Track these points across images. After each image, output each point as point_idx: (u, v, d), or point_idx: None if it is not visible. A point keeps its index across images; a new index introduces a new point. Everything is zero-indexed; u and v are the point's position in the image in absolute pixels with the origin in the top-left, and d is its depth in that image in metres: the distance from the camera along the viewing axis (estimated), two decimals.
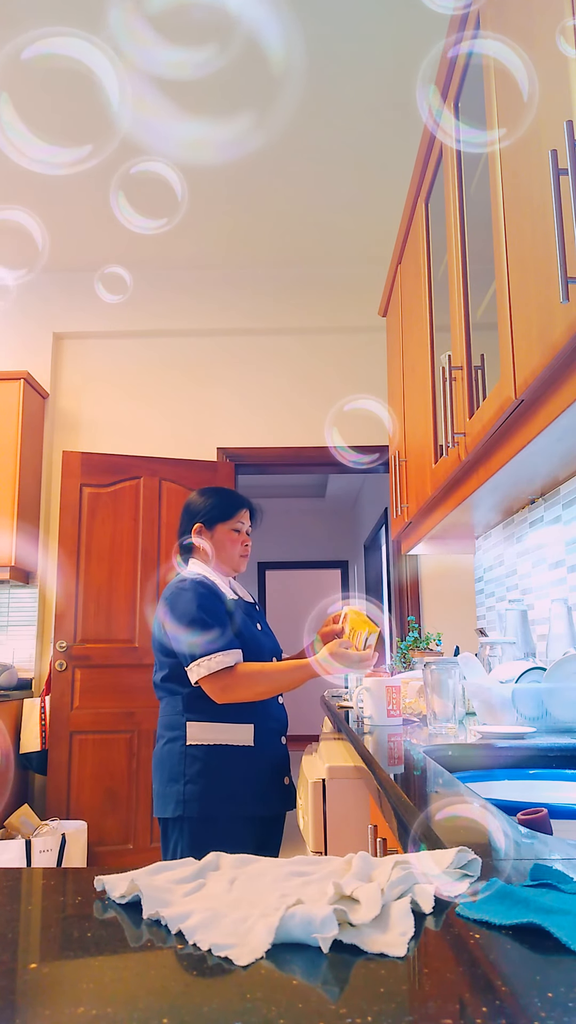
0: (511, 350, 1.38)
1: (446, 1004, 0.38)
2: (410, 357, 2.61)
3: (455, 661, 1.54)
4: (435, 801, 0.91)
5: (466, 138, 1.82)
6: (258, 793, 1.76)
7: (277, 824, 1.89)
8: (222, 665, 1.71)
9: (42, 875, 0.63)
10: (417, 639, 2.96)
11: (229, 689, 1.72)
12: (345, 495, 7.94)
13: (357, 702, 1.72)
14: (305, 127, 2.98)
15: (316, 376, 4.09)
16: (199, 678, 1.72)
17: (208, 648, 1.72)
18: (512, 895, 0.50)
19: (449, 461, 1.96)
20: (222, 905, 0.50)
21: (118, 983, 0.42)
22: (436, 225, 2.25)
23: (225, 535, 1.91)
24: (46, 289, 4.12)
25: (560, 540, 2.06)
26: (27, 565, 3.73)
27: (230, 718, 1.77)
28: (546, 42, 1.19)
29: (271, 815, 1.83)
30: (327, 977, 0.42)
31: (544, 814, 0.80)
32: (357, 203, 3.52)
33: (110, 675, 3.58)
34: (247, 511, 1.97)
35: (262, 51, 1.86)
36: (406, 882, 0.52)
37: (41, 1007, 0.40)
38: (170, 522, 3.75)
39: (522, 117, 1.29)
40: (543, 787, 1.17)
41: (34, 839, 3.09)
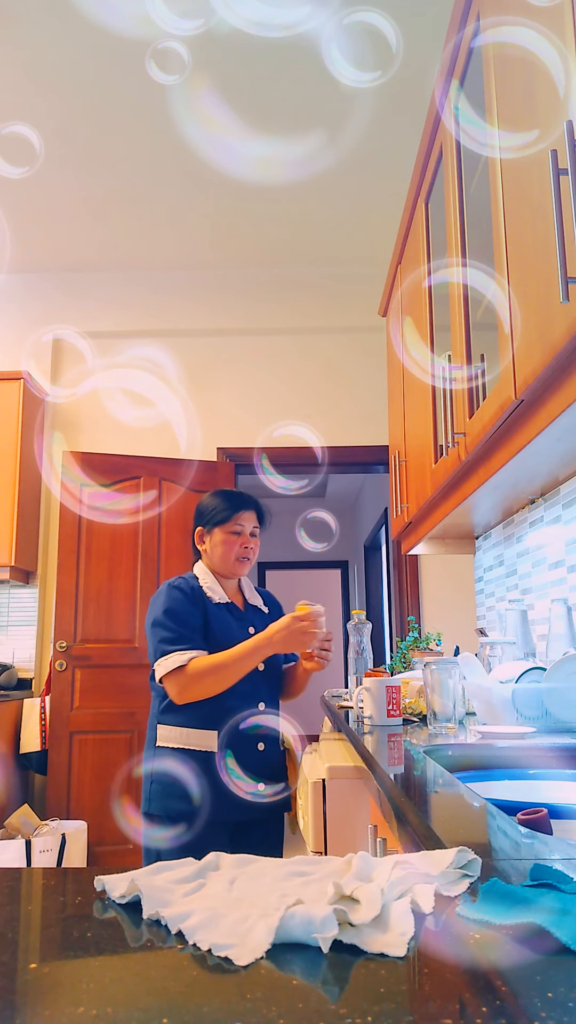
0: (511, 350, 1.38)
1: (446, 1004, 0.38)
2: (410, 357, 2.61)
3: (455, 661, 1.54)
4: (435, 801, 0.91)
5: (478, 137, 1.82)
6: (218, 798, 1.71)
7: (259, 828, 1.83)
8: (176, 664, 1.70)
9: (42, 875, 0.63)
10: (417, 639, 2.96)
11: (185, 688, 1.71)
12: (345, 495, 7.93)
13: (357, 702, 1.72)
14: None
15: (316, 376, 4.09)
16: (159, 679, 1.74)
17: (165, 649, 1.73)
18: (512, 895, 0.50)
19: (449, 461, 1.96)
20: (222, 905, 0.50)
21: (118, 983, 0.42)
22: (436, 225, 2.25)
23: (221, 538, 1.89)
24: (46, 289, 4.12)
25: (560, 540, 2.06)
26: (27, 565, 3.74)
27: (196, 724, 1.76)
28: (546, 41, 1.19)
29: (239, 820, 1.78)
30: (327, 977, 0.42)
31: (544, 814, 0.80)
32: (357, 202, 3.52)
33: (110, 675, 3.58)
34: (249, 512, 1.92)
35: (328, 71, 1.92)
36: (406, 882, 0.52)
37: (41, 1007, 0.40)
38: (170, 522, 3.75)
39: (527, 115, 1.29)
40: (543, 787, 1.17)
41: (34, 839, 3.09)
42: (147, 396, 4.07)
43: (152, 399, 4.07)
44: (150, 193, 3.44)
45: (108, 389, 4.09)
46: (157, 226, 3.71)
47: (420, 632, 3.51)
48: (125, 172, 3.28)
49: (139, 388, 4.08)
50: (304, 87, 2.76)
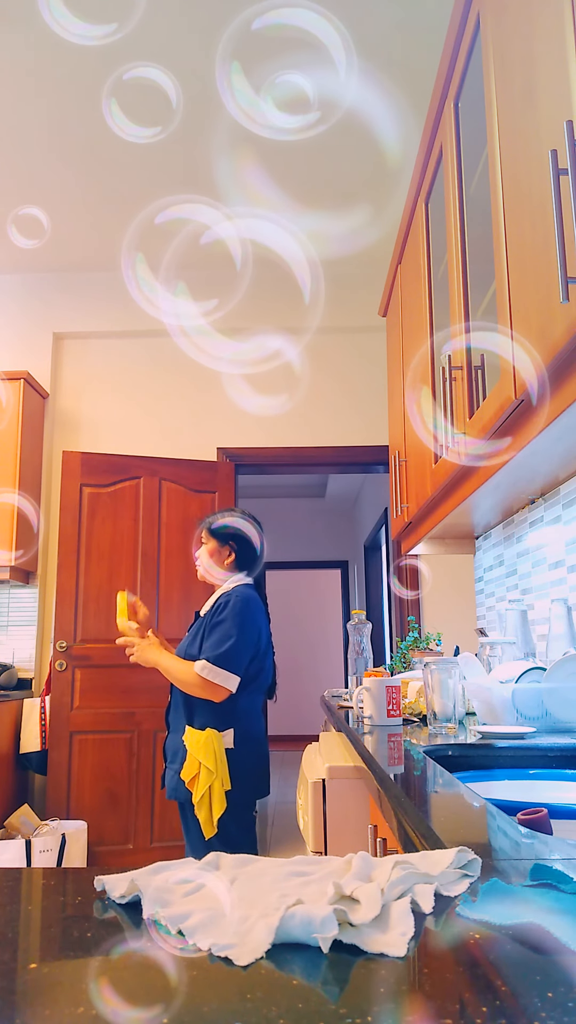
0: (511, 350, 1.38)
1: (446, 1004, 0.38)
2: (410, 357, 2.61)
3: (455, 661, 1.54)
4: (435, 801, 0.91)
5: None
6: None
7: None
8: None
9: (42, 875, 0.63)
10: (417, 639, 2.96)
11: None
12: (345, 495, 7.93)
13: (357, 702, 1.72)
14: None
15: (316, 376, 4.09)
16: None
17: None
18: (512, 895, 0.50)
19: (449, 461, 1.96)
20: (222, 905, 0.50)
21: (118, 983, 0.42)
22: (436, 225, 2.25)
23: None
24: (46, 289, 4.12)
25: (560, 540, 2.06)
26: (27, 565, 3.74)
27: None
28: (546, 41, 1.19)
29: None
30: (327, 977, 0.42)
31: (544, 814, 0.80)
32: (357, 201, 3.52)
33: (110, 675, 3.58)
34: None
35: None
36: (406, 882, 0.52)
37: (41, 1007, 0.40)
38: (170, 522, 3.75)
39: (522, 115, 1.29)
40: (543, 787, 1.17)
41: (34, 839, 3.09)
42: (147, 396, 4.07)
43: (152, 399, 4.07)
44: (150, 192, 3.43)
45: (108, 389, 4.09)
46: (157, 225, 3.71)
47: (420, 632, 3.51)
48: (125, 171, 3.28)
49: (139, 388, 4.09)
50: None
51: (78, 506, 3.67)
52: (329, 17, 1.83)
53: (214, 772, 1.93)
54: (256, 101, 1.95)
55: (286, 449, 4.02)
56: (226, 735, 2.01)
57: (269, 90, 1.95)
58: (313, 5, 1.80)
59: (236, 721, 2.03)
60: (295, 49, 2.15)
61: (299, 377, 4.08)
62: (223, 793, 1.94)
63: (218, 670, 1.96)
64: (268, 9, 1.79)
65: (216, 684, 1.97)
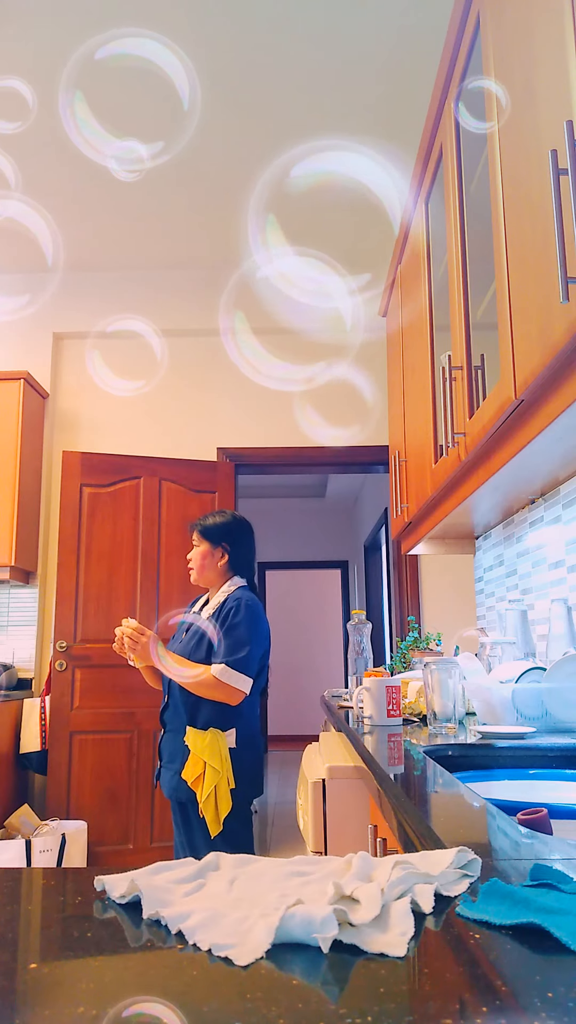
0: (511, 350, 1.38)
1: (446, 1004, 0.38)
2: (410, 357, 2.61)
3: (455, 661, 1.54)
4: (435, 801, 0.91)
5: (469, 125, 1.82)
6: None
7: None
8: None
9: (42, 875, 0.63)
10: (417, 639, 2.96)
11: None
12: (345, 495, 7.93)
13: (357, 702, 1.72)
14: (304, 126, 2.98)
15: (316, 376, 4.08)
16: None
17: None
18: (512, 895, 0.50)
19: (449, 461, 1.96)
20: (222, 905, 0.50)
21: (118, 983, 0.42)
22: (436, 225, 2.25)
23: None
24: (46, 289, 4.12)
25: (560, 540, 2.06)
26: (27, 565, 3.74)
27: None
28: (546, 41, 1.19)
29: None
30: (327, 977, 0.42)
31: (544, 814, 0.80)
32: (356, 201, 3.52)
33: (110, 675, 3.57)
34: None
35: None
36: (406, 882, 0.52)
37: (41, 1007, 0.40)
38: (170, 522, 3.75)
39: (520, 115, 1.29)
40: (543, 787, 1.18)
41: (34, 839, 3.09)
42: (147, 396, 4.07)
43: (152, 399, 4.07)
44: (150, 192, 3.43)
45: (108, 389, 4.09)
46: (157, 226, 3.71)
47: (420, 632, 3.51)
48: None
49: (139, 387, 4.08)
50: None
51: (78, 506, 3.66)
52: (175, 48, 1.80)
53: (220, 772, 1.94)
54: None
55: (286, 449, 4.01)
56: (229, 735, 2.02)
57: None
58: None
59: (238, 721, 2.04)
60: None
61: (299, 377, 4.09)
62: (228, 792, 1.95)
63: (237, 674, 1.99)
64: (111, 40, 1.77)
65: (234, 687, 1.99)
